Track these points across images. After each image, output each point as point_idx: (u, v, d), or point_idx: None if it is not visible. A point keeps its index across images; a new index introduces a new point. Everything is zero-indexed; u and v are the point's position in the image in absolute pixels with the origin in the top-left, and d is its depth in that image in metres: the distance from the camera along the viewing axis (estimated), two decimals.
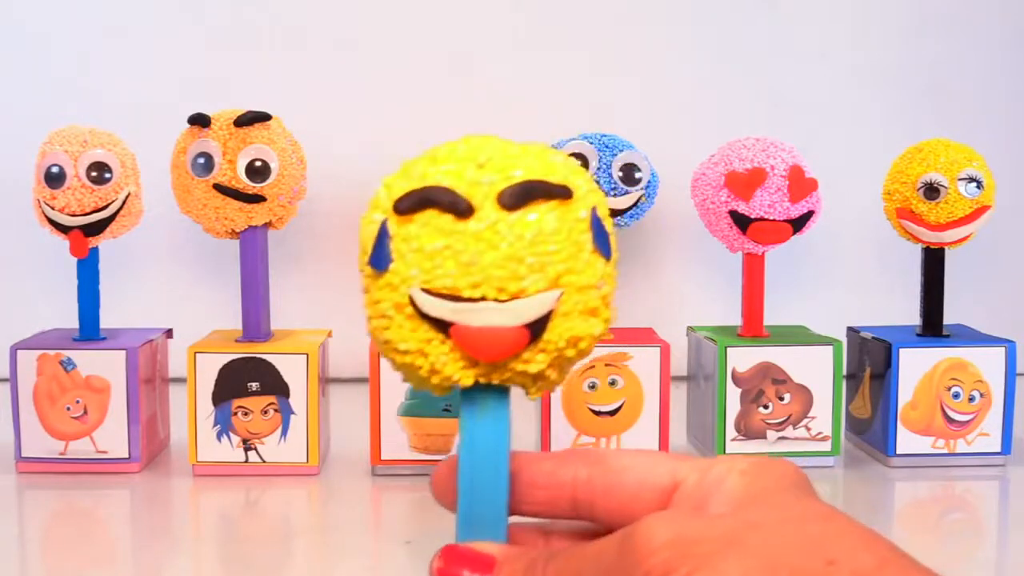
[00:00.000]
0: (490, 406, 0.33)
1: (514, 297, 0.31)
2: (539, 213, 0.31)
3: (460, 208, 0.31)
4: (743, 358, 0.78)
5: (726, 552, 0.26)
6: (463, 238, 0.31)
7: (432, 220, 0.31)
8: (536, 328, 0.31)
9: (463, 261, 0.30)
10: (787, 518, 0.28)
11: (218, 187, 0.75)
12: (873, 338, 0.82)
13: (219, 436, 0.77)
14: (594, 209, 0.32)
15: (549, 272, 0.31)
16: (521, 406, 0.97)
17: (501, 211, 0.31)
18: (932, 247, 0.81)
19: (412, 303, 0.31)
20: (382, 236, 0.31)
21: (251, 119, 0.76)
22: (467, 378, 0.32)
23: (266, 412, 0.77)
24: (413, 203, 0.31)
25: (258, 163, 0.75)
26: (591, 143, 0.79)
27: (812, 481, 0.31)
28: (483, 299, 0.31)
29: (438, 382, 0.32)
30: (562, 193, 0.31)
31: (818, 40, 1.09)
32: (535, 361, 0.32)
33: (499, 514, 0.32)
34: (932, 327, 0.82)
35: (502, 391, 0.33)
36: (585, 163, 0.78)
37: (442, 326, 0.31)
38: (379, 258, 0.31)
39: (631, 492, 0.32)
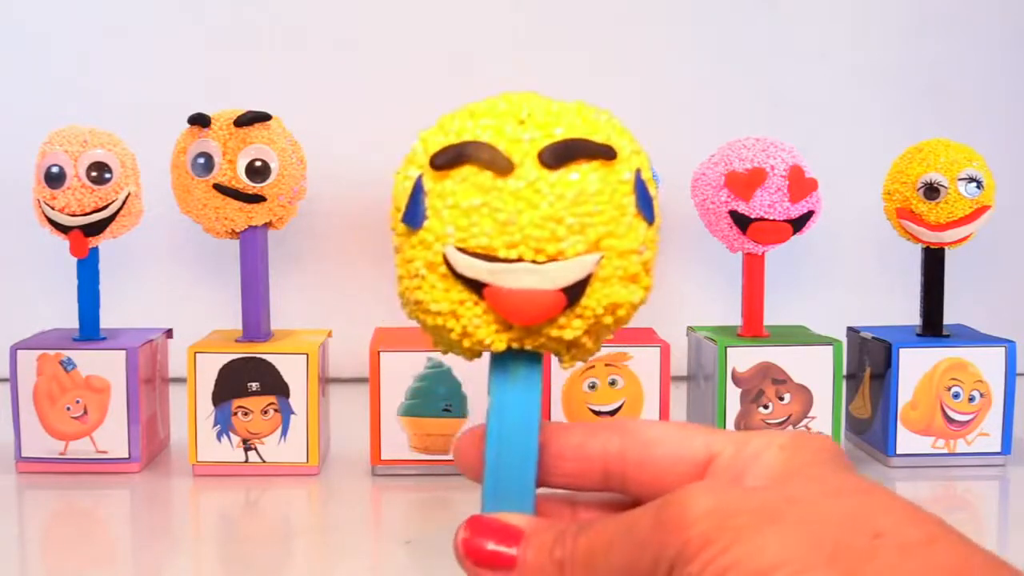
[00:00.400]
0: (521, 373, 0.31)
1: (552, 259, 0.29)
2: (581, 173, 0.30)
3: (500, 165, 0.30)
4: (743, 358, 0.78)
5: (766, 526, 0.25)
6: (501, 196, 0.29)
7: (470, 176, 0.30)
8: (573, 293, 0.30)
9: (500, 220, 0.29)
10: (827, 491, 0.27)
11: (218, 187, 0.75)
12: (873, 338, 0.82)
13: (219, 436, 0.77)
14: (638, 171, 0.31)
15: (589, 234, 0.30)
16: None
17: (542, 169, 0.30)
18: (932, 247, 0.81)
19: (446, 262, 0.30)
20: (417, 192, 0.30)
21: (251, 119, 0.76)
22: (500, 342, 0.31)
23: (266, 412, 0.77)
24: (450, 158, 0.30)
25: (258, 163, 0.75)
26: None
27: None
28: (520, 260, 0.29)
29: (469, 345, 0.31)
30: (606, 153, 0.30)
31: (818, 40, 1.09)
32: (571, 327, 0.30)
33: (527, 485, 0.31)
34: (932, 327, 0.82)
35: (535, 358, 0.32)
36: None
37: (476, 287, 0.30)
38: (413, 215, 0.30)
39: (665, 464, 0.31)
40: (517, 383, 0.31)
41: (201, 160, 0.76)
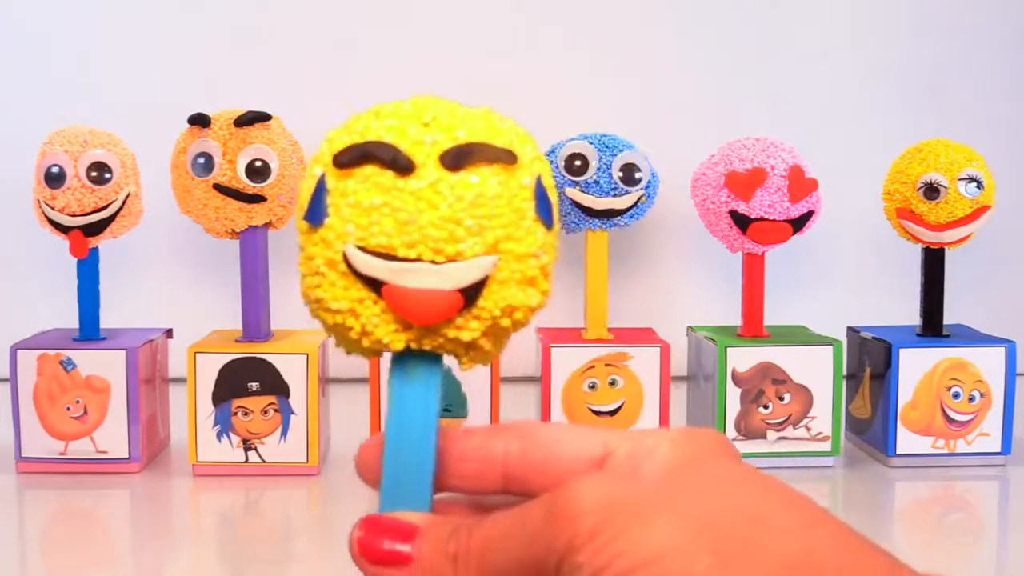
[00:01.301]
0: (420, 373, 0.32)
1: (450, 260, 0.30)
2: (481, 176, 0.30)
3: (401, 164, 0.30)
4: (743, 358, 0.78)
5: (654, 514, 0.26)
6: (402, 196, 0.30)
7: (372, 176, 0.30)
8: (471, 293, 0.30)
9: (400, 219, 0.30)
10: (715, 482, 0.28)
11: (218, 187, 0.75)
12: (873, 338, 0.82)
13: (219, 436, 0.77)
14: (539, 177, 0.31)
15: (487, 237, 0.30)
16: (521, 407, 0.97)
17: (443, 171, 0.30)
18: (932, 247, 0.81)
19: (346, 260, 0.30)
20: (319, 190, 0.31)
21: (251, 119, 0.76)
22: (398, 342, 0.31)
23: (266, 412, 0.77)
24: (353, 157, 0.30)
25: (258, 163, 0.75)
26: (591, 143, 0.79)
27: (812, 481, 0.31)
28: (419, 260, 0.30)
29: (368, 344, 0.31)
30: (506, 158, 0.31)
31: (818, 40, 1.09)
32: (468, 328, 0.31)
33: (424, 484, 0.31)
34: (932, 327, 0.82)
35: (434, 359, 0.32)
36: (585, 163, 0.78)
37: (375, 285, 0.30)
38: (315, 212, 0.31)
39: (564, 465, 0.31)
40: (415, 382, 0.32)
41: (201, 160, 0.76)
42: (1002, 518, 0.76)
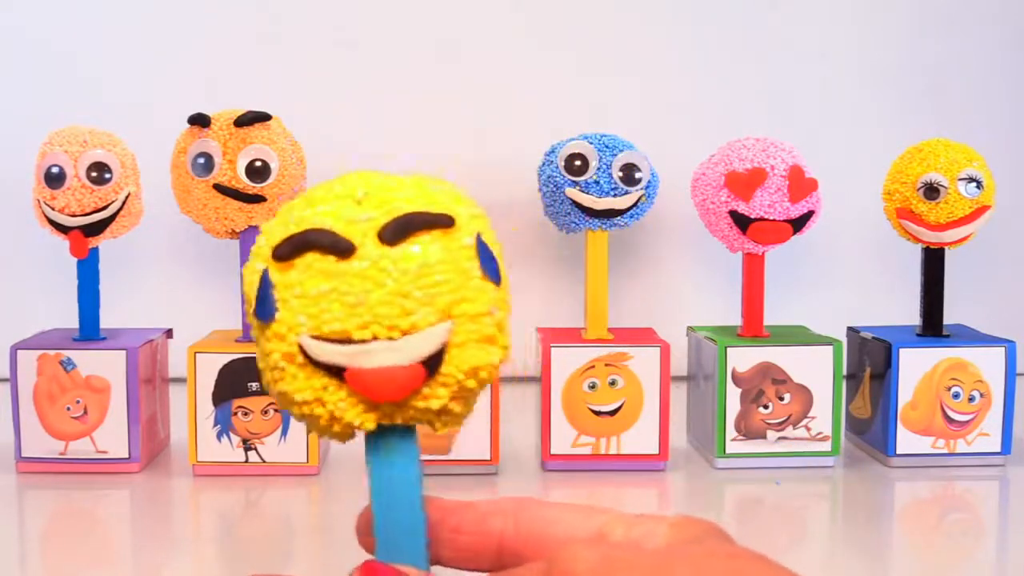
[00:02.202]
0: (396, 447, 0.32)
1: (405, 333, 0.30)
2: (422, 245, 0.30)
3: (341, 248, 0.30)
4: (743, 358, 0.78)
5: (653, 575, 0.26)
6: (347, 278, 0.30)
7: (314, 263, 0.30)
8: (432, 363, 0.30)
9: (349, 302, 0.30)
10: (714, 555, 0.28)
11: (218, 187, 0.75)
12: (873, 338, 0.82)
13: (219, 436, 0.77)
14: (478, 235, 0.31)
15: (438, 304, 0.30)
16: (521, 407, 0.96)
17: (383, 247, 0.30)
18: (932, 247, 0.81)
19: (302, 351, 0.30)
20: (265, 285, 0.30)
21: (251, 119, 0.76)
22: (369, 422, 0.31)
23: (266, 412, 0.77)
24: (291, 248, 0.30)
25: (258, 163, 0.75)
26: (591, 143, 0.79)
27: (812, 481, 0.32)
28: (374, 339, 0.30)
29: (340, 429, 0.31)
30: (444, 222, 0.30)
31: (818, 40, 1.09)
32: (436, 396, 0.31)
33: (418, 553, 0.32)
34: (932, 327, 0.82)
35: (407, 430, 0.32)
36: (585, 163, 0.78)
37: (336, 371, 0.30)
38: (264, 309, 0.30)
39: (561, 543, 0.31)
40: (393, 458, 0.32)
41: (201, 160, 0.76)
42: (1002, 518, 0.76)
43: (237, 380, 0.76)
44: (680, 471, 0.80)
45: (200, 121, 0.76)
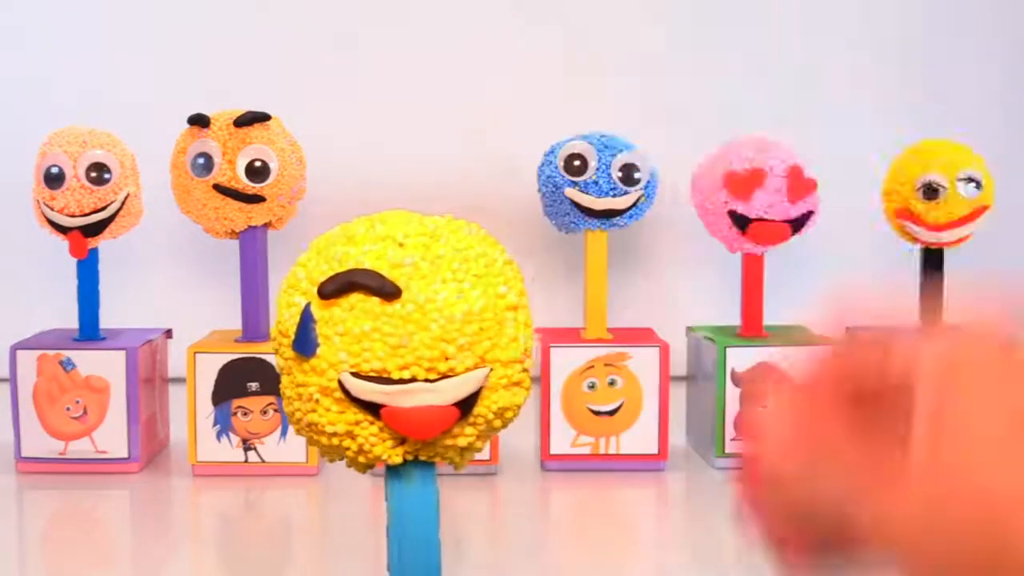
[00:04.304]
0: (417, 479, 0.33)
1: (443, 376, 0.31)
2: (464, 293, 0.31)
3: (388, 291, 0.31)
4: (743, 358, 0.78)
5: None
6: (392, 320, 0.30)
7: (358, 303, 0.31)
8: (466, 405, 0.31)
9: (392, 343, 0.30)
10: None
11: (218, 187, 0.75)
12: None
13: (219, 436, 0.77)
14: (508, 287, 0.33)
15: (477, 350, 0.31)
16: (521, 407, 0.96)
17: (428, 291, 0.31)
18: (931, 247, 0.81)
19: (341, 387, 0.31)
20: (306, 320, 0.31)
21: (251, 119, 0.76)
22: (396, 456, 0.32)
23: (265, 412, 0.77)
24: (338, 287, 0.31)
25: (258, 163, 0.76)
26: (591, 143, 0.79)
27: None
28: (413, 380, 0.31)
29: (365, 461, 0.32)
30: (486, 271, 0.32)
31: (818, 40, 1.09)
32: (464, 435, 0.32)
33: None
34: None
35: (428, 464, 0.33)
36: (584, 163, 0.78)
37: (372, 408, 0.31)
38: (304, 343, 0.31)
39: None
40: (413, 489, 0.33)
41: (201, 160, 0.76)
42: None
43: (237, 380, 0.76)
44: (679, 471, 0.80)
45: (200, 121, 0.76)
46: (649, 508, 0.77)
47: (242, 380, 0.76)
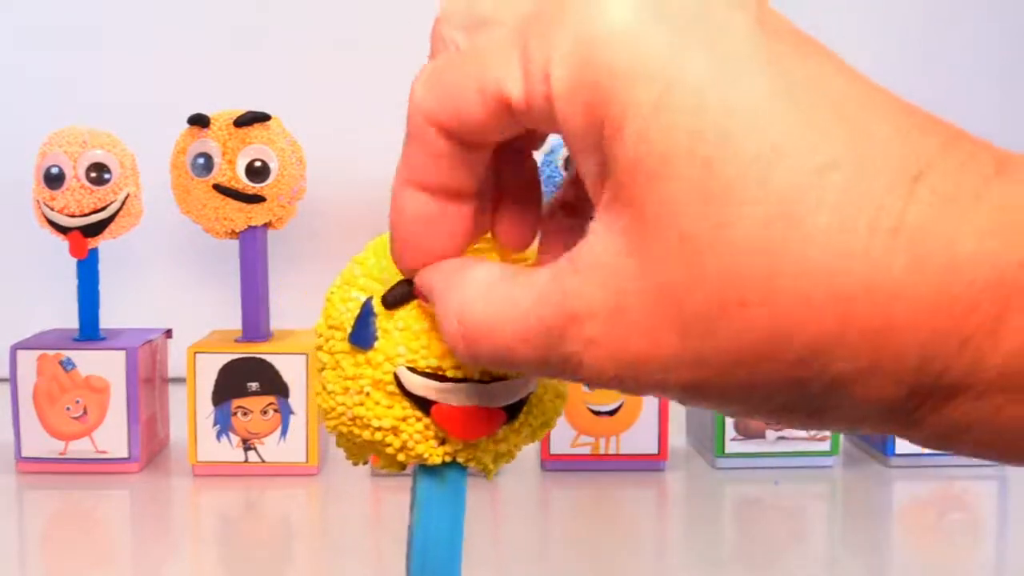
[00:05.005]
0: (450, 479, 0.33)
1: (496, 379, 0.31)
2: None
3: None
4: None
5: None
6: None
7: (420, 304, 0.31)
8: (513, 409, 0.31)
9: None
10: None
11: (218, 187, 0.76)
12: None
13: (219, 436, 0.77)
14: None
15: None
16: None
17: None
18: None
19: (396, 381, 0.31)
20: (366, 314, 0.31)
21: (251, 119, 0.76)
22: (436, 456, 0.32)
23: (266, 412, 0.77)
24: (400, 299, 0.31)
25: (258, 163, 0.76)
26: None
27: (811, 481, 0.32)
28: (466, 379, 0.31)
29: (404, 459, 0.32)
30: None
31: (818, 39, 1.08)
32: (506, 440, 0.32)
33: None
34: None
35: (461, 468, 0.33)
36: None
37: (422, 404, 0.31)
38: (363, 336, 0.31)
39: None
40: (446, 491, 0.33)
41: (201, 160, 0.76)
42: (1001, 518, 0.76)
43: (236, 380, 0.76)
44: (679, 471, 0.80)
45: (200, 121, 0.76)
46: (649, 508, 0.77)
47: (242, 380, 0.76)
